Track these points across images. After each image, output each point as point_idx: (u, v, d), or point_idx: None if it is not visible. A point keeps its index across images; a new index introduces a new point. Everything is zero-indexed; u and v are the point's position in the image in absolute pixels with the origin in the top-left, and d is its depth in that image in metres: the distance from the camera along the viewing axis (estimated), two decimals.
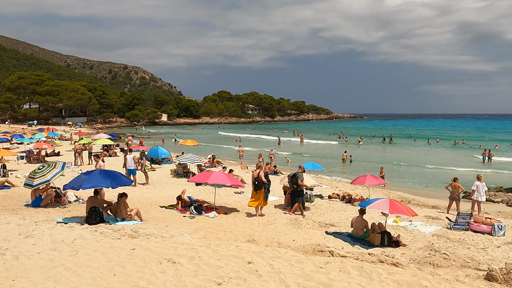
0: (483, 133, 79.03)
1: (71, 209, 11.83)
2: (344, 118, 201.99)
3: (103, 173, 9.71)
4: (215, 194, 13.44)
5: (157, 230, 9.17)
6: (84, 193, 14.91)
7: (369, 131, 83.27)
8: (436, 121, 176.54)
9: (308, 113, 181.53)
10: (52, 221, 9.27)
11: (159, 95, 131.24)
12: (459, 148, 47.50)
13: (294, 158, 34.49)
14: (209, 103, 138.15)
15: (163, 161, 26.96)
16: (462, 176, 25.24)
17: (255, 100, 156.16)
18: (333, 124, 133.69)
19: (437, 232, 12.18)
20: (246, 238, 9.55)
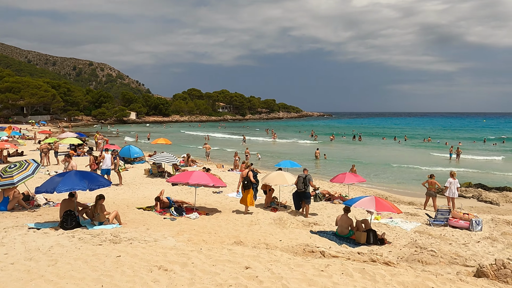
0: (447, 131, 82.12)
1: (41, 213, 11.06)
2: (314, 116, 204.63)
3: (79, 174, 9.08)
4: (195, 195, 13.01)
5: (138, 234, 8.68)
6: (55, 195, 14.11)
7: (339, 129, 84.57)
8: (402, 119, 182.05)
9: (279, 112, 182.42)
10: (23, 227, 8.58)
11: (127, 92, 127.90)
12: (426, 145, 48.99)
13: (267, 156, 34.39)
14: (179, 101, 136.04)
15: (135, 161, 26.09)
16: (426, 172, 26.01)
17: (226, 98, 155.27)
18: (303, 122, 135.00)
19: (418, 228, 12.32)
20: (233, 240, 9.24)
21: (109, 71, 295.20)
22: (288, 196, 16.50)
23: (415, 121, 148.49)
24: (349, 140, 55.19)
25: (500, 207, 17.48)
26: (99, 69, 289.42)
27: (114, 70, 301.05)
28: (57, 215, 10.75)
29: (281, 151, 40.04)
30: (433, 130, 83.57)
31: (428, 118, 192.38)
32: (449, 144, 43.21)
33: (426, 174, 25.55)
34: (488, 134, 67.88)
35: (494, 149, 44.14)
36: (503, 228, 12.46)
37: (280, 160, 31.15)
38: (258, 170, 24.00)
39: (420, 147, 47.07)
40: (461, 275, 5.64)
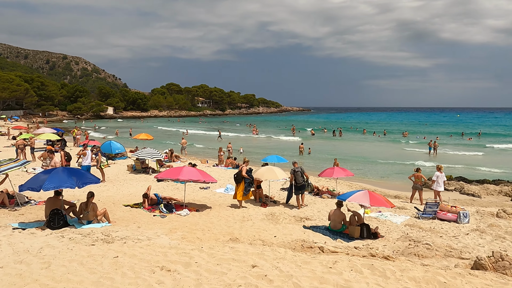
0: (423, 125, 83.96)
1: (23, 212, 10.55)
2: (293, 111, 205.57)
3: (67, 171, 8.65)
4: (185, 191, 12.71)
5: (130, 233, 8.37)
6: (36, 193, 13.53)
7: (318, 124, 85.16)
8: (379, 114, 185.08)
9: (258, 106, 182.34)
10: (6, 227, 8.12)
11: (104, 87, 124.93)
12: (405, 140, 49.89)
13: (250, 151, 34.20)
14: (157, 95, 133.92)
15: (117, 156, 25.41)
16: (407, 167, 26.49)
17: (205, 93, 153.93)
18: (283, 117, 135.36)
19: (407, 222, 12.43)
20: (227, 237, 9.05)
21: (84, 65, 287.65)
22: (276, 191, 16.41)
23: (392, 116, 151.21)
24: (330, 135, 55.61)
25: (482, 199, 17.92)
26: (73, 62, 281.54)
27: (89, 64, 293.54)
28: (41, 214, 10.28)
29: (264, 146, 39.94)
30: (411, 124, 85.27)
31: (405, 113, 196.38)
32: (428, 139, 44.18)
33: (407, 168, 26.13)
34: (464, 129, 69.77)
35: (470, 143, 45.37)
36: (489, 220, 12.73)
37: (265, 155, 31.19)
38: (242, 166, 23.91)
39: (399, 141, 47.91)
40: (469, 269, 5.63)
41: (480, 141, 47.69)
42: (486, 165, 28.01)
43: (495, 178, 22.57)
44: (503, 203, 16.79)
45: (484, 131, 62.46)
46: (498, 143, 45.20)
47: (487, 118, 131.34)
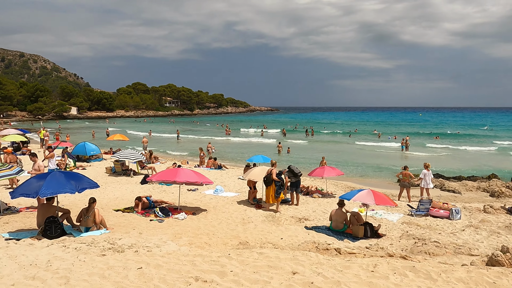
0: (390, 125, 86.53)
1: (7, 219, 9.71)
2: (262, 111, 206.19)
3: (64, 175, 7.97)
4: (179, 194, 12.21)
5: (135, 240, 7.85)
6: (18, 200, 12.59)
7: (288, 123, 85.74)
8: (346, 113, 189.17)
9: (227, 106, 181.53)
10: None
11: (67, 86, 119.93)
12: (376, 139, 51.13)
13: (226, 151, 33.80)
14: (123, 95, 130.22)
15: (92, 158, 24.28)
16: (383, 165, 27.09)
17: (173, 92, 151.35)
18: (252, 117, 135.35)
19: (403, 219, 12.54)
20: (236, 241, 8.72)
21: (43, 63, 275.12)
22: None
23: (359, 115, 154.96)
24: (302, 135, 56.06)
25: (463, 195, 18.47)
26: (31, 60, 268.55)
27: (49, 62, 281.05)
28: (28, 222, 9.52)
29: (240, 146, 39.61)
30: (379, 124, 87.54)
31: (371, 112, 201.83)
32: (398, 138, 45.57)
33: (383, 166, 26.66)
34: (430, 128, 72.45)
35: (438, 142, 47.05)
36: (479, 216, 13.08)
37: (241, 155, 30.90)
38: (225, 166, 23.46)
39: (370, 140, 49.02)
40: (489, 266, 5.63)
41: (445, 141, 49.50)
42: (454, 162, 29.03)
43: (461, 174, 23.31)
44: (483, 199, 17.37)
45: (447, 130, 65.14)
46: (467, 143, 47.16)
47: (447, 116, 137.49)
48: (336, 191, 17.58)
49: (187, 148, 34.64)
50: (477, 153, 35.54)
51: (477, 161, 30.16)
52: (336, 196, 16.33)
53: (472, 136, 54.15)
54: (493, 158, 31.98)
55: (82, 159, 23.89)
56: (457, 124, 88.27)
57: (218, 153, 30.81)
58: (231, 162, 26.75)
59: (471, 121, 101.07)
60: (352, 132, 59.28)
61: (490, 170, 24.82)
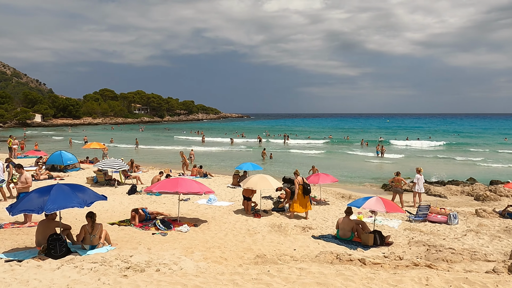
0: (360, 131, 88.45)
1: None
2: (233, 118, 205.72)
3: (68, 188, 7.29)
4: (178, 204, 11.66)
5: (147, 256, 7.30)
6: (5, 216, 11.61)
7: (261, 130, 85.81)
8: (316, 120, 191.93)
9: (198, 113, 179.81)
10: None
11: (30, 92, 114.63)
12: (349, 145, 51.99)
13: (208, 160, 33.19)
14: (90, 102, 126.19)
15: (68, 168, 23.03)
16: (362, 170, 27.42)
17: (142, 99, 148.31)
18: (224, 123, 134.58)
19: (403, 225, 12.56)
20: (251, 254, 8.33)
21: (2, 68, 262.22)
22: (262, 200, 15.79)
23: (328, 122, 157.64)
24: (278, 141, 56.14)
25: (449, 199, 18.85)
26: None
27: (8, 68, 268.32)
28: (19, 239, 8.72)
29: (220, 154, 39.05)
30: (349, 131, 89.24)
31: (340, 119, 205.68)
32: (369, 145, 46.80)
33: (363, 172, 26.95)
34: (401, 133, 74.58)
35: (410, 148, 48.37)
36: (474, 220, 13.31)
37: (220, 163, 30.39)
38: (210, 174, 22.89)
39: (344, 145, 49.77)
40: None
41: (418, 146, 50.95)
42: (431, 166, 29.78)
43: (442, 179, 23.92)
44: (469, 203, 17.79)
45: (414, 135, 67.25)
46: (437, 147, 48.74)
47: (411, 122, 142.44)
48: (328, 197, 17.50)
49: (146, 158, 33.38)
50: (450, 158, 36.64)
51: (452, 165, 31.18)
52: (329, 203, 16.24)
53: (441, 140, 56.12)
54: (466, 163, 33.09)
55: (57, 168, 22.65)
56: (424, 130, 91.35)
57: (197, 161, 30.19)
58: (211, 170, 26.12)
59: (436, 127, 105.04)
60: (327, 138, 60.02)
61: (467, 174, 25.62)
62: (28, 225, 10.30)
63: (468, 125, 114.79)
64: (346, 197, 18.09)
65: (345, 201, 17.05)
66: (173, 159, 32.02)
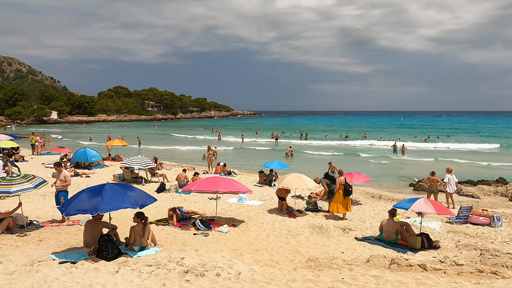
0: (377, 128, 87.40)
1: (39, 237, 8.73)
2: (245, 115, 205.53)
3: (119, 187, 7.10)
4: (216, 204, 11.43)
5: (198, 259, 7.09)
6: (37, 212, 11.57)
7: (274, 127, 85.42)
8: (328, 117, 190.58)
9: (210, 110, 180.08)
10: (47, 261, 6.46)
11: (46, 89, 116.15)
12: (366, 141, 51.33)
13: (220, 156, 32.98)
14: (105, 99, 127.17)
15: (93, 165, 23.06)
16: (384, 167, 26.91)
17: (156, 96, 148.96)
18: (237, 121, 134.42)
19: (445, 228, 12.13)
20: (301, 257, 8.08)
21: (18, 66, 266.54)
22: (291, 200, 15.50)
23: (341, 119, 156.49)
24: (293, 141, 55.72)
25: (482, 200, 18.29)
26: (6, 63, 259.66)
27: (24, 65, 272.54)
28: (63, 239, 8.59)
29: (238, 152, 38.83)
30: (367, 127, 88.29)
31: (352, 116, 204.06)
32: (384, 141, 46.59)
33: (382, 170, 26.41)
34: (419, 131, 73.42)
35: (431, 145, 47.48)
36: None
37: (240, 161, 30.14)
38: (234, 172, 22.66)
39: (359, 140, 49.24)
40: None
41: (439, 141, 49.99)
42: (456, 166, 29.08)
43: (470, 178, 23.24)
44: (505, 204, 17.23)
45: (436, 133, 66.08)
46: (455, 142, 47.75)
47: (427, 120, 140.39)
48: (358, 197, 17.12)
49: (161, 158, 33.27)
50: (475, 156, 35.79)
51: (477, 164, 30.41)
52: (361, 203, 15.87)
53: (463, 138, 55.01)
54: (495, 159, 32.23)
55: (82, 166, 22.70)
56: (440, 128, 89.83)
57: (219, 159, 30.02)
58: (235, 168, 25.87)
59: (453, 125, 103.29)
60: (344, 136, 59.36)
61: (495, 173, 24.92)
62: (66, 224, 10.22)
63: (487, 123, 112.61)
64: (376, 196, 17.69)
65: (376, 201, 16.68)
66: (191, 158, 31.96)
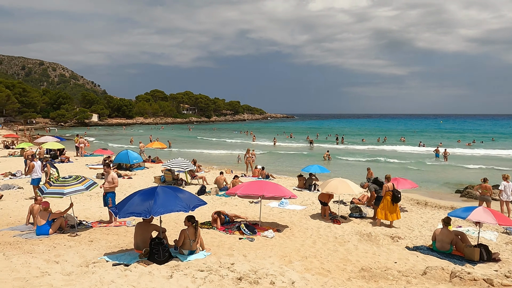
0: (417, 132, 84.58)
1: (90, 237, 8.91)
2: (278, 118, 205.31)
3: (171, 190, 7.12)
4: (260, 208, 11.28)
5: (248, 265, 6.94)
6: (85, 213, 11.88)
7: (310, 130, 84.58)
8: (363, 120, 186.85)
9: (243, 113, 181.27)
10: (101, 263, 6.54)
11: (88, 93, 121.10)
12: (405, 144, 49.72)
13: (265, 161, 32.84)
14: (142, 102, 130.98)
15: (134, 167, 23.60)
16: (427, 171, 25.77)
17: (191, 99, 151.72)
18: (271, 124, 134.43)
19: (502, 238, 11.37)
20: (352, 266, 7.76)
21: (61, 71, 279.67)
22: (333, 205, 15.11)
23: (377, 123, 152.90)
24: (331, 141, 54.91)
25: None
26: (50, 69, 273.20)
27: (67, 70, 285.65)
28: (112, 240, 8.71)
29: (274, 155, 38.64)
30: (405, 131, 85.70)
31: (388, 120, 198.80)
32: (425, 145, 44.98)
33: (424, 176, 25.29)
34: (460, 135, 70.46)
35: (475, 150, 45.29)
36: None
37: (276, 165, 29.89)
38: (272, 175, 22.46)
39: (398, 145, 47.74)
40: None
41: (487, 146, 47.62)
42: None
43: None
44: None
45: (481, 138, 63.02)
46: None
47: (469, 124, 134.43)
48: (403, 204, 16.45)
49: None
50: None
51: None
52: (407, 210, 15.24)
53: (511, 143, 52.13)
54: None
55: (123, 167, 23.27)
56: (483, 132, 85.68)
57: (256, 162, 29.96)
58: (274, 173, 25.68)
59: (497, 128, 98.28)
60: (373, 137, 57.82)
61: None
62: (114, 225, 10.39)
63: None
64: (422, 203, 16.95)
65: (422, 208, 15.99)
66: (226, 161, 32.10)
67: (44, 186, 9.48)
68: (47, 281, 5.43)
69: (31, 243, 8.15)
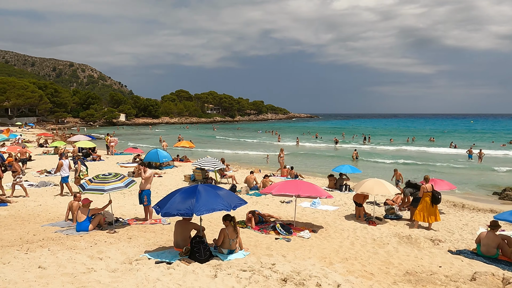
0: (446, 132, 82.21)
1: (128, 234, 9.00)
2: (302, 118, 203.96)
3: (211, 189, 7.09)
4: (295, 208, 11.13)
5: (290, 266, 6.81)
6: (121, 210, 12.04)
7: (335, 130, 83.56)
8: (390, 120, 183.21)
9: (267, 113, 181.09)
10: (143, 260, 6.56)
11: (116, 94, 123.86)
12: (433, 144, 48.32)
13: (294, 160, 32.62)
14: (168, 102, 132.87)
15: (163, 166, 23.88)
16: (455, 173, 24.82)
17: (215, 99, 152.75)
18: (295, 124, 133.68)
19: None
20: (396, 269, 7.51)
21: (90, 72, 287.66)
22: (368, 206, 14.77)
23: (404, 122, 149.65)
24: (357, 141, 54.06)
25: None
26: (80, 70, 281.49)
27: (95, 71, 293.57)
28: (150, 237, 8.76)
29: (300, 155, 38.34)
30: (434, 131, 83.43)
31: (413, 120, 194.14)
32: (458, 146, 43.51)
33: (463, 177, 24.39)
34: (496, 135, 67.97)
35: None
36: None
37: (303, 165, 29.63)
38: (301, 175, 22.23)
39: (428, 146, 46.45)
40: None
41: None
42: None
43: None
44: None
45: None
46: None
47: (501, 124, 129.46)
48: (440, 206, 15.90)
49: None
50: None
51: None
52: (444, 212, 14.72)
53: None
54: None
55: (153, 166, 23.55)
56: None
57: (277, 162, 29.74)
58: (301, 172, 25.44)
59: None
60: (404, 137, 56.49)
61: None
62: (149, 223, 10.48)
63: None
64: (459, 205, 16.36)
65: (460, 211, 15.43)
66: (253, 160, 32.00)
67: (85, 183, 9.65)
68: (94, 277, 5.48)
69: (72, 239, 8.30)
